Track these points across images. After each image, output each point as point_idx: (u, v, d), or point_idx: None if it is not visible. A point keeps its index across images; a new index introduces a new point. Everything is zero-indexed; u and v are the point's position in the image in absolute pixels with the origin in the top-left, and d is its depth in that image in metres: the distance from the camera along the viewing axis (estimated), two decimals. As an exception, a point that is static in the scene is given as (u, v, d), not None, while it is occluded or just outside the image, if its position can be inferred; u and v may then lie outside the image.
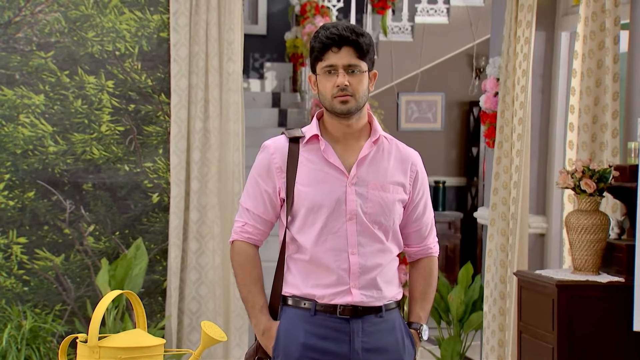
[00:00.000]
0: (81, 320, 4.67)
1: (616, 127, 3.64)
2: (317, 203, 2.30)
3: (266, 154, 2.37)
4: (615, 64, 3.65)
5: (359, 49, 2.29)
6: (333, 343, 2.31)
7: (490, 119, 4.62)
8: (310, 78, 2.37)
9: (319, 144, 2.34)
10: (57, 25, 4.70)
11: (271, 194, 2.36)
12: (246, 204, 2.38)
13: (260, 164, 2.37)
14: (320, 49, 2.29)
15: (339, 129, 2.34)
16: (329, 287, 2.31)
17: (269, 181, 2.35)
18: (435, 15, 7.38)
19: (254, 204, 2.37)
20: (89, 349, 1.62)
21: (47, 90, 4.69)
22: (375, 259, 2.33)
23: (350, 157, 2.34)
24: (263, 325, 2.35)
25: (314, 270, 2.32)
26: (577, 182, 3.34)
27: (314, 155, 2.34)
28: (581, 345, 3.25)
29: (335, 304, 2.30)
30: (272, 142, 2.38)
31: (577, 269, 3.38)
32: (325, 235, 2.30)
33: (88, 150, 4.72)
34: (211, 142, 4.76)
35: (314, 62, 2.33)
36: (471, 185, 7.74)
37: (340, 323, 2.31)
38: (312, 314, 2.31)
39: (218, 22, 4.74)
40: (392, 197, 2.35)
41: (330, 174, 2.32)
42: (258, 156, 2.39)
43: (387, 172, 2.36)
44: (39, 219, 4.67)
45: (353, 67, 2.28)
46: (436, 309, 4.84)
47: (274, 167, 2.35)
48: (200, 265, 4.76)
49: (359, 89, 2.29)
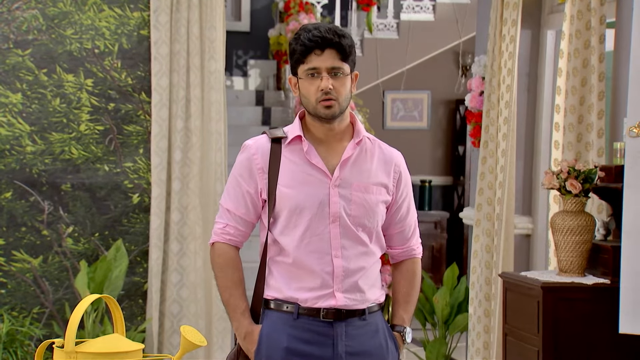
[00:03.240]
0: (59, 324, 4.60)
1: (602, 127, 3.61)
2: (299, 205, 2.28)
3: (247, 154, 2.33)
4: (600, 63, 3.62)
5: (341, 51, 2.26)
6: (316, 347, 2.29)
7: (475, 118, 4.59)
8: (290, 80, 2.33)
9: (302, 144, 2.31)
10: (34, 23, 4.62)
11: (253, 195, 2.32)
12: (227, 204, 2.34)
13: (242, 164, 2.33)
14: (303, 52, 2.26)
15: (322, 131, 2.32)
16: (312, 291, 2.28)
17: (251, 182, 2.32)
18: (421, 12, 7.33)
19: (235, 205, 2.33)
20: (65, 355, 1.60)
21: (24, 88, 4.62)
22: (359, 262, 2.31)
23: (333, 158, 2.32)
24: (245, 329, 2.31)
25: (296, 273, 2.29)
26: (562, 183, 3.31)
27: (296, 156, 2.31)
28: (566, 347, 3.23)
29: (318, 308, 2.28)
30: (254, 142, 2.34)
31: (562, 270, 3.35)
32: (308, 238, 2.28)
33: (67, 150, 4.66)
34: (193, 141, 4.70)
35: (295, 65, 2.29)
36: (457, 184, 7.71)
37: (324, 327, 2.29)
38: (294, 318, 2.29)
39: (199, 20, 4.69)
40: (376, 198, 2.33)
41: (313, 175, 2.30)
42: (239, 156, 2.35)
43: (370, 173, 2.33)
44: (16, 220, 4.60)
45: (336, 69, 2.26)
46: (421, 310, 4.81)
47: (255, 168, 2.31)
48: (181, 267, 4.70)
49: (342, 92, 2.27)
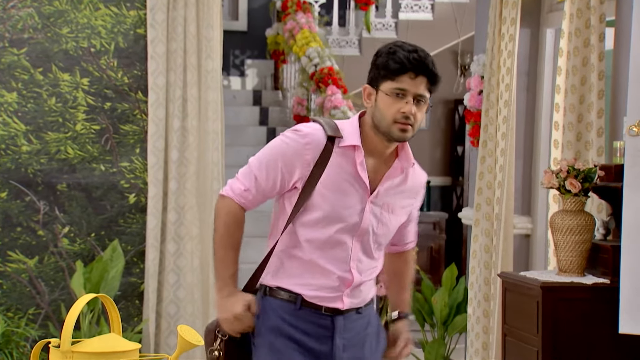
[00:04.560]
0: (55, 325, 4.57)
1: (601, 126, 3.59)
2: (335, 211, 2.26)
3: (301, 141, 2.25)
4: (600, 61, 3.60)
5: (432, 81, 2.24)
6: (315, 340, 2.30)
7: (474, 118, 4.57)
8: (365, 89, 2.27)
9: (355, 153, 2.27)
10: (30, 21, 4.59)
11: (286, 177, 2.27)
12: (257, 172, 2.27)
13: (289, 147, 2.25)
14: (397, 70, 2.21)
15: (379, 147, 2.29)
16: (320, 290, 2.29)
17: (292, 167, 2.25)
18: (419, 11, 7.31)
19: (265, 177, 2.27)
20: (61, 354, 1.60)
21: (20, 87, 4.59)
22: (369, 275, 2.37)
23: (377, 174, 2.30)
24: (229, 288, 2.28)
25: (311, 271, 2.29)
26: (562, 182, 3.29)
27: (346, 162, 2.27)
28: (566, 347, 3.21)
29: (322, 305, 2.29)
30: (311, 132, 2.26)
31: (562, 270, 3.33)
32: (332, 244, 2.27)
33: (62, 149, 4.63)
34: (190, 141, 4.68)
35: (380, 78, 2.24)
36: (456, 185, 7.68)
37: (325, 319, 2.30)
38: (297, 308, 2.29)
39: (196, 19, 4.67)
40: (399, 220, 2.37)
41: (355, 187, 2.28)
42: (290, 136, 2.26)
43: (402, 195, 2.35)
44: (11, 220, 4.57)
45: (422, 97, 2.23)
46: (420, 311, 4.78)
47: (303, 158, 2.25)
48: (178, 268, 4.66)
49: (419, 119, 2.26)
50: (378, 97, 2.24)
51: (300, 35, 6.30)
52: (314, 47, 6.11)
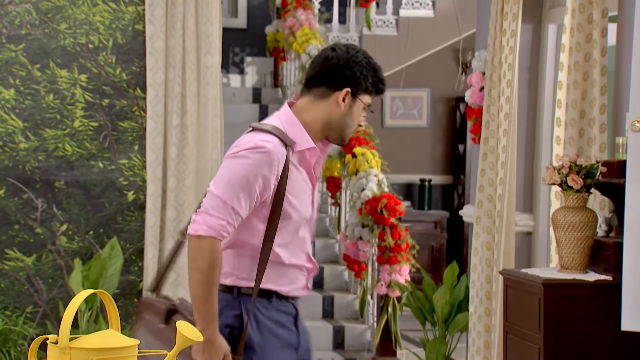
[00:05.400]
0: (53, 323, 4.55)
1: (604, 122, 3.56)
2: (301, 214, 2.33)
3: (268, 159, 2.24)
4: (603, 57, 3.57)
5: None
6: (285, 330, 2.36)
7: (475, 114, 4.54)
8: (347, 93, 2.31)
9: (309, 153, 2.32)
10: (27, 17, 4.57)
11: (258, 197, 2.27)
12: (232, 202, 2.23)
13: (258, 167, 2.24)
14: (380, 91, 2.36)
15: (319, 144, 2.38)
16: (293, 283, 2.38)
17: (264, 186, 2.25)
18: (420, 8, 7.27)
19: (243, 204, 2.25)
20: (59, 350, 1.56)
21: (17, 84, 4.57)
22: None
23: (316, 164, 2.41)
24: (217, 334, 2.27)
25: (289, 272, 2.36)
26: (563, 178, 3.26)
27: (300, 164, 2.32)
28: (568, 345, 3.19)
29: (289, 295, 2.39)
30: (273, 147, 2.26)
31: (564, 267, 3.30)
32: (301, 240, 2.36)
33: (60, 146, 4.60)
34: (189, 138, 4.65)
35: (363, 90, 2.33)
36: (458, 183, 7.64)
37: (290, 306, 2.39)
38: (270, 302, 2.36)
39: (195, 14, 4.64)
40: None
41: (307, 183, 2.35)
42: (255, 156, 2.24)
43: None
44: (9, 218, 4.54)
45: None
46: (421, 309, 4.75)
47: (273, 174, 2.25)
48: (177, 266, 4.60)
49: None
50: (355, 105, 2.30)
51: (300, 32, 6.26)
52: (314, 44, 6.08)
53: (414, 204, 7.45)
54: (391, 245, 5.05)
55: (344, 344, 5.41)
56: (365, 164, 5.35)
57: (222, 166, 2.29)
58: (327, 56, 2.32)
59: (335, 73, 2.29)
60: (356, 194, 5.36)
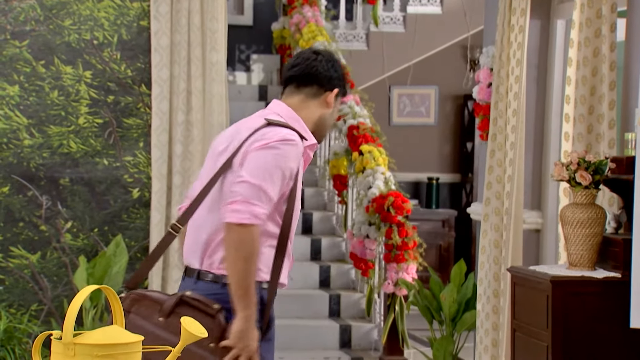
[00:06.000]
0: (58, 321, 4.54)
1: (613, 118, 3.53)
2: (298, 207, 2.42)
3: (297, 151, 2.36)
4: (612, 52, 3.54)
5: None
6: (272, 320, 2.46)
7: (483, 111, 4.50)
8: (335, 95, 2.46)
9: (312, 150, 2.44)
10: (32, 13, 4.55)
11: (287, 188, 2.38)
12: (270, 191, 2.30)
13: (294, 158, 2.34)
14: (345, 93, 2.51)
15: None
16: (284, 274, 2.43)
17: (289, 176, 2.34)
18: (428, 5, 7.23)
19: (275, 193, 2.32)
20: (63, 346, 1.55)
21: (22, 80, 4.55)
22: None
23: None
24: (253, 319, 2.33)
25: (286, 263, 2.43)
26: (572, 175, 3.22)
27: (303, 157, 2.41)
28: (576, 342, 3.16)
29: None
30: (297, 140, 2.37)
31: (572, 264, 3.27)
32: (292, 233, 2.44)
33: (65, 143, 4.58)
34: (194, 135, 4.62)
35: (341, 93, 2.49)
36: (466, 181, 7.60)
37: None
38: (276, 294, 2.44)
39: (200, 10, 4.62)
40: None
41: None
42: (290, 148, 2.33)
43: None
44: (13, 215, 4.53)
45: None
46: (428, 308, 4.72)
47: (298, 164, 2.36)
48: (182, 264, 4.60)
49: None
50: (336, 105, 2.48)
51: (306, 29, 6.23)
52: (321, 42, 6.05)
53: (422, 202, 7.41)
54: (398, 244, 5.02)
55: (351, 343, 5.37)
56: (372, 162, 5.32)
57: (252, 157, 2.31)
58: (314, 58, 2.46)
59: (326, 74, 2.44)
60: (363, 192, 5.33)
